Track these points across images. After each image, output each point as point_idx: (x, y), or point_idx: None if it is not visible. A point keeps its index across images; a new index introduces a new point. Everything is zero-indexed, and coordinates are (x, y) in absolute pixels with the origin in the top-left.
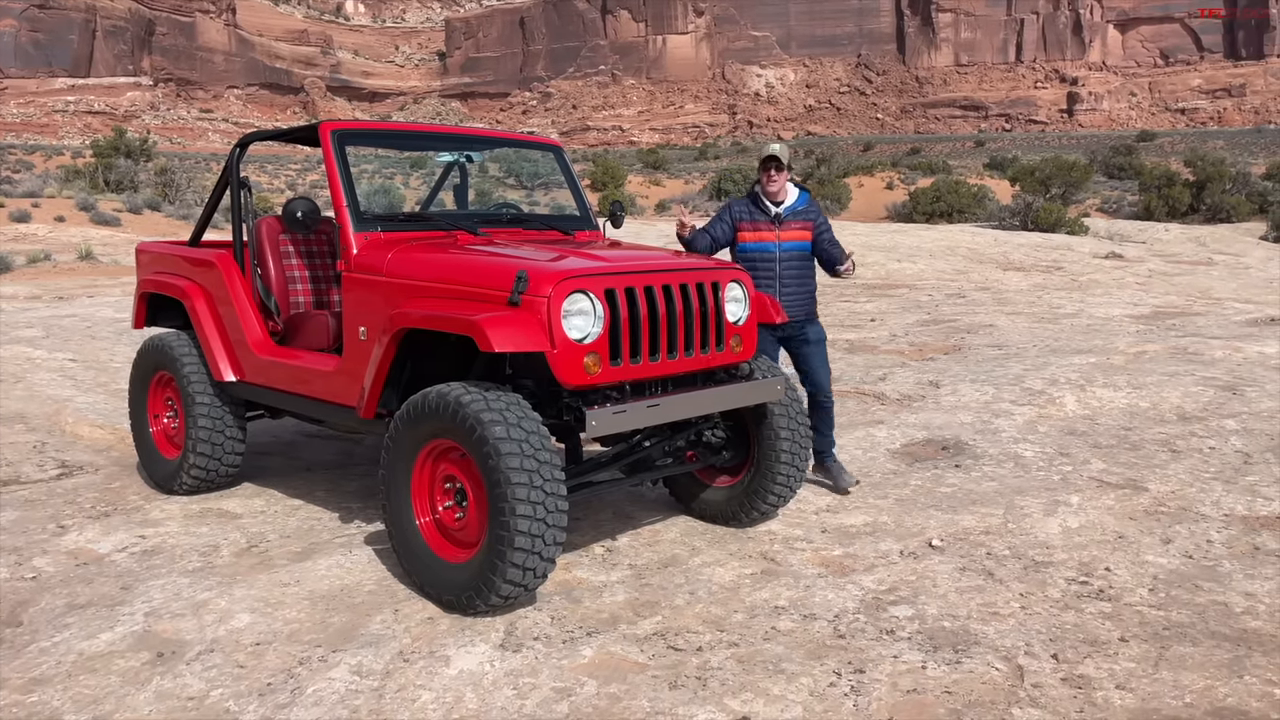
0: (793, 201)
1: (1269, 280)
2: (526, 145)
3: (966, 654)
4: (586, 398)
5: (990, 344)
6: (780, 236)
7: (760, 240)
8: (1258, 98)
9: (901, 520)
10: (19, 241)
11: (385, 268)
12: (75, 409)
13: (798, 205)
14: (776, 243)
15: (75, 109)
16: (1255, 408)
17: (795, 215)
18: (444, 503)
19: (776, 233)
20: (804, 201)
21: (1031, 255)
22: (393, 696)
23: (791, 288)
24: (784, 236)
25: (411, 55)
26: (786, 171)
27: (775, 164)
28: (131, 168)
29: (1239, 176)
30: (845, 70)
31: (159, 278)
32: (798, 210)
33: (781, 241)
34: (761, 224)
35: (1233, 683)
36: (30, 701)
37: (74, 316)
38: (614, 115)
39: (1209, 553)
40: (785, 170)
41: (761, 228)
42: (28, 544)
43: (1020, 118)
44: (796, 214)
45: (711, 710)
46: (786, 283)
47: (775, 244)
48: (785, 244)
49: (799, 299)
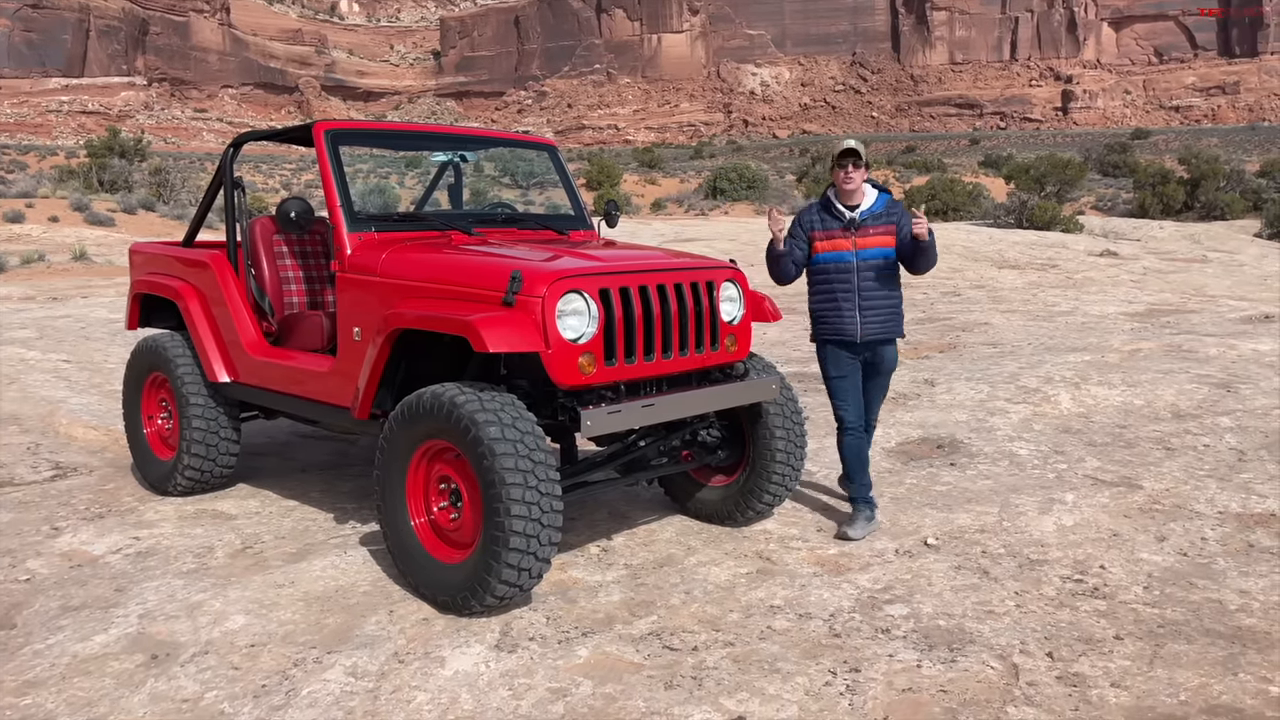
0: (870, 204)
1: (1263, 277)
2: (521, 145)
3: (962, 652)
4: (581, 398)
5: (985, 342)
6: (857, 244)
7: (835, 249)
8: (1252, 95)
9: (897, 519)
10: (13, 242)
11: (379, 268)
12: (69, 410)
13: (876, 208)
14: (853, 251)
15: (69, 109)
16: (1250, 405)
17: (875, 219)
18: (439, 503)
19: (853, 239)
20: (883, 204)
21: (1026, 253)
22: (388, 698)
23: (874, 301)
24: (861, 244)
25: (406, 54)
26: (865, 169)
27: (854, 158)
28: (126, 168)
29: (1233, 174)
30: (840, 69)
31: (152, 278)
32: (877, 214)
33: (859, 249)
34: (835, 231)
35: (1227, 680)
36: (24, 704)
37: (68, 317)
38: (609, 114)
39: (1203, 550)
40: (864, 168)
41: (835, 235)
42: (21, 546)
43: (1015, 116)
44: (876, 218)
45: (707, 710)
46: (868, 296)
47: (852, 253)
48: (864, 252)
49: (882, 314)
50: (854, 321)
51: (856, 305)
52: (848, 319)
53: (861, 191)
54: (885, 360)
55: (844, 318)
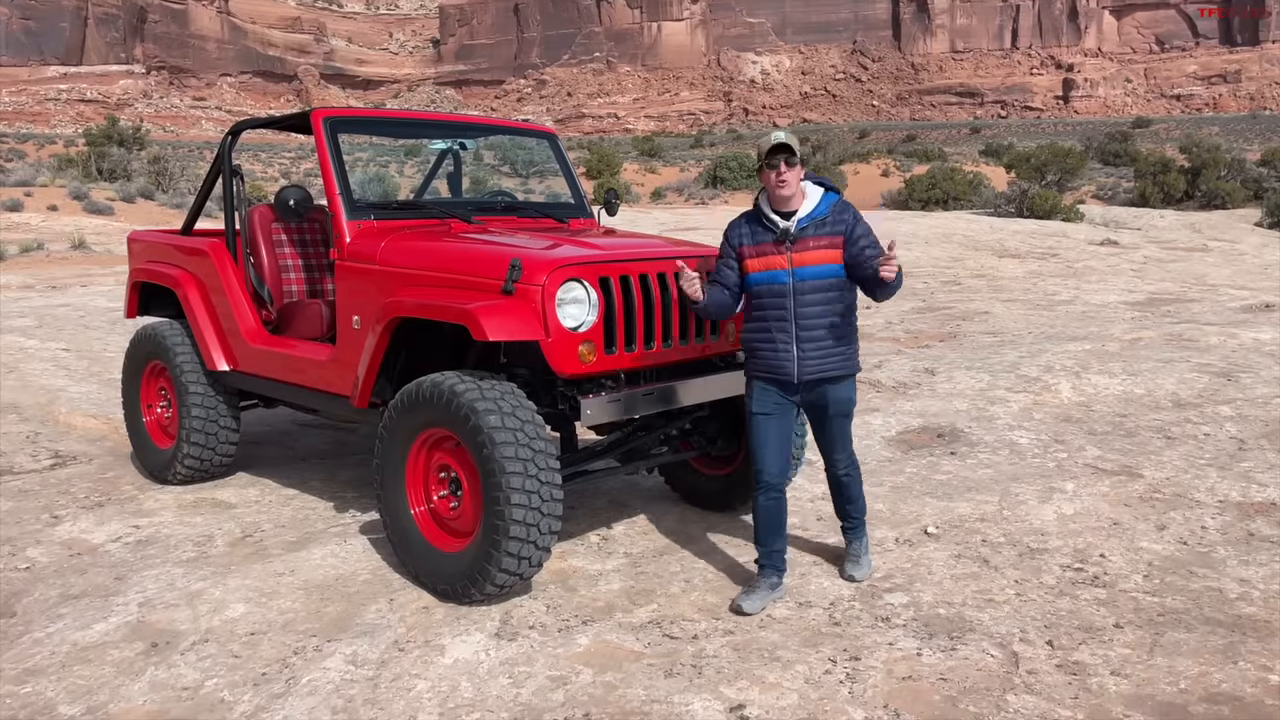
0: (811, 209)
1: (1264, 266)
2: (521, 133)
3: (962, 641)
4: (581, 386)
5: (986, 331)
6: (794, 260)
7: (768, 268)
8: (1253, 84)
9: (897, 508)
10: (12, 231)
11: (379, 256)
12: (69, 399)
13: (818, 213)
14: (789, 270)
15: (68, 97)
16: (1250, 394)
17: (817, 228)
18: (439, 492)
19: (788, 255)
20: (828, 208)
21: (1027, 242)
22: (388, 686)
23: (815, 332)
24: (799, 260)
25: (405, 42)
26: (801, 167)
27: (787, 155)
28: (124, 156)
29: (1234, 163)
30: (841, 57)
31: (151, 267)
32: (820, 220)
33: (796, 268)
34: (767, 246)
35: (1227, 668)
36: (24, 692)
37: (67, 306)
38: (609, 103)
39: (1203, 539)
40: (800, 165)
41: (767, 251)
42: (21, 534)
43: (1016, 104)
44: (819, 226)
45: (707, 698)
46: (808, 326)
47: (787, 271)
48: (802, 270)
49: (825, 348)
50: (790, 356)
51: (794, 337)
52: (783, 353)
53: (801, 194)
54: (833, 402)
55: (779, 352)
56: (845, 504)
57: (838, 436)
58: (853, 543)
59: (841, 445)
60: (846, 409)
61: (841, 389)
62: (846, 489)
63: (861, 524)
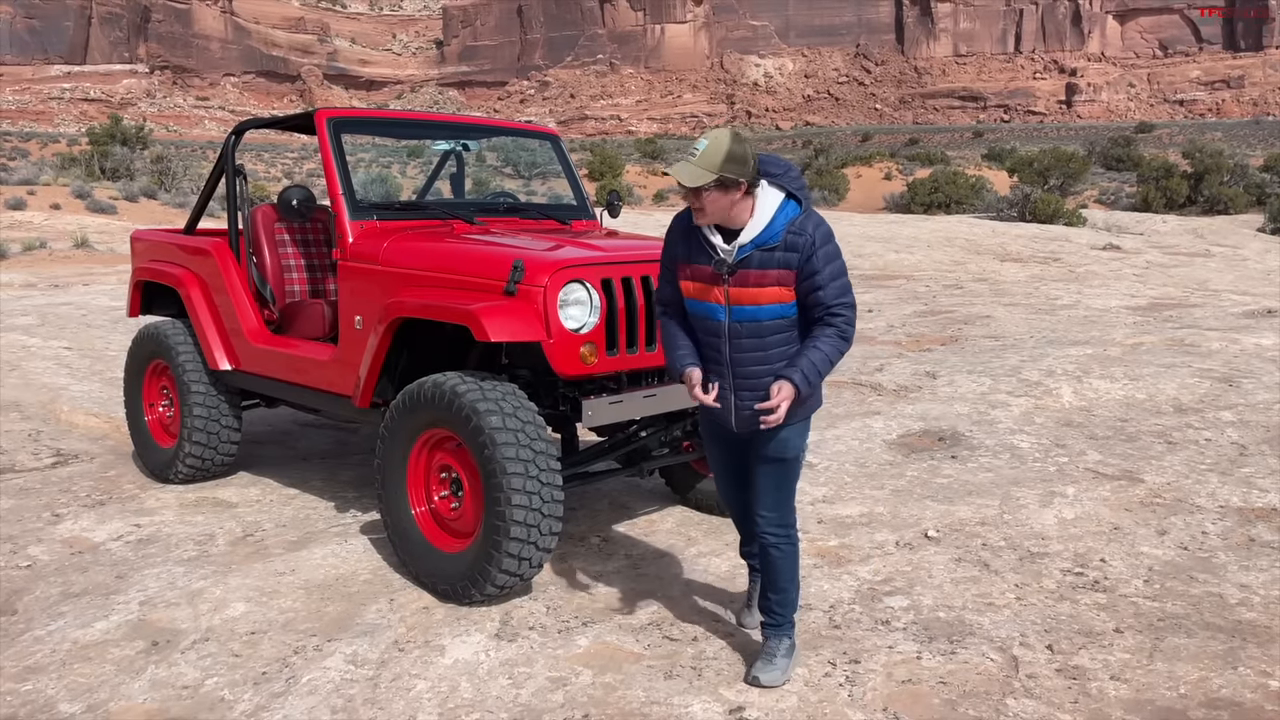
0: (757, 232)
1: (1266, 272)
2: (523, 134)
3: (961, 644)
4: (583, 388)
5: (987, 335)
6: (731, 296)
7: (701, 298)
8: (1256, 89)
9: (897, 511)
10: (14, 229)
11: (381, 256)
12: (70, 397)
13: (767, 238)
14: (724, 305)
15: (71, 96)
16: (1251, 399)
17: (765, 258)
18: (440, 492)
19: (724, 288)
20: (781, 229)
21: (1029, 246)
22: (388, 686)
23: (755, 381)
24: (737, 297)
25: (409, 43)
26: (740, 187)
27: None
28: (127, 155)
29: (1237, 168)
30: (844, 60)
31: (154, 266)
32: (769, 247)
33: (733, 305)
34: (703, 270)
35: (1227, 674)
36: (25, 690)
37: (69, 304)
38: (612, 105)
39: (1204, 544)
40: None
41: (702, 275)
42: (22, 532)
43: (1019, 109)
44: (767, 255)
45: (706, 700)
46: (746, 374)
47: (722, 308)
48: (740, 310)
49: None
50: (728, 405)
51: (730, 383)
52: (721, 397)
53: (748, 210)
54: (771, 446)
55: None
56: (766, 589)
57: (765, 487)
58: (769, 640)
59: (768, 500)
60: (781, 452)
61: (782, 435)
62: (770, 566)
63: (786, 623)
